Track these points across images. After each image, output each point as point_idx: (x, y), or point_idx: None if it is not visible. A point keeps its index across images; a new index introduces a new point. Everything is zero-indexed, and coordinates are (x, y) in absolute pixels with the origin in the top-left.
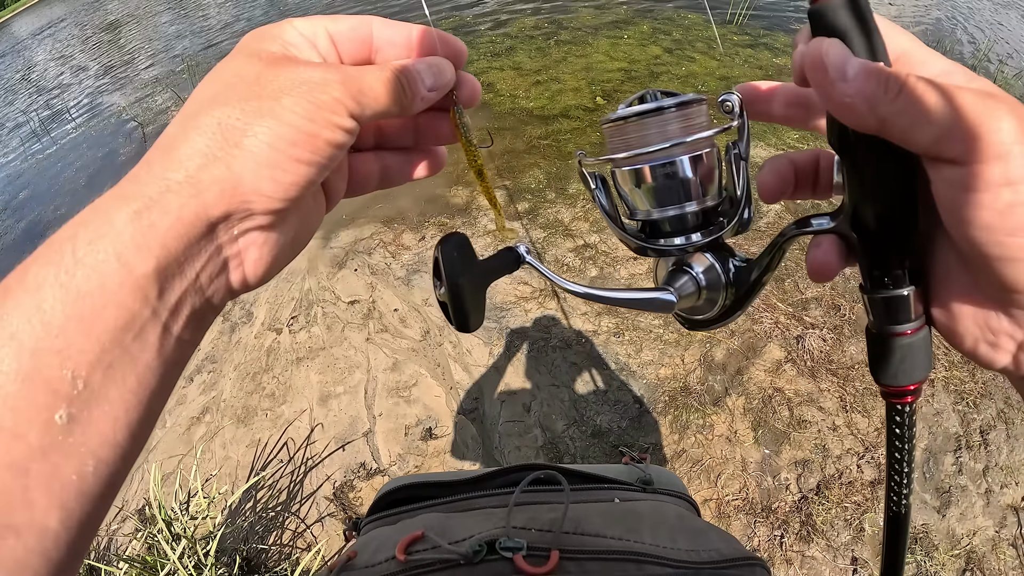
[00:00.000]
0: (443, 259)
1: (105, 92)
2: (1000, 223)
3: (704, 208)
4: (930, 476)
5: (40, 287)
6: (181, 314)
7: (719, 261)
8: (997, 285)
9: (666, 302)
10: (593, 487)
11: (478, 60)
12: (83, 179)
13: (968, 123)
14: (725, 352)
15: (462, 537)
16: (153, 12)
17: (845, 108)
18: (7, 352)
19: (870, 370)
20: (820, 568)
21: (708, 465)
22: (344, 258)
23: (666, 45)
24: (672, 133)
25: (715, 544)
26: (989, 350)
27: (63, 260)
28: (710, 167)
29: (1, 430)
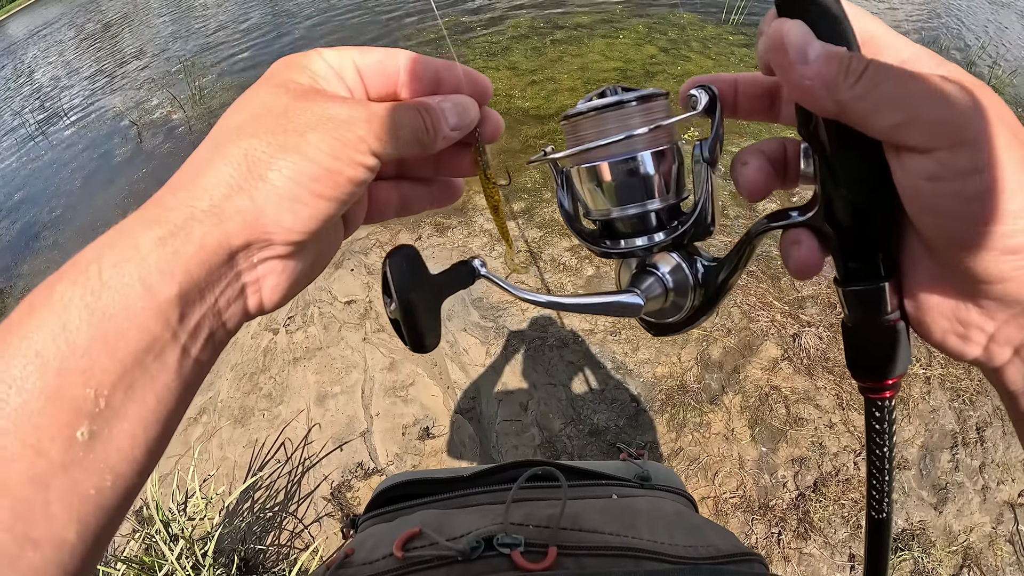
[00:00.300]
0: (392, 273)
1: (100, 93)
2: (968, 212)
3: (668, 206)
4: (927, 473)
5: (66, 307)
6: (199, 337)
7: (686, 261)
8: (966, 276)
9: (633, 305)
10: (591, 483)
11: (474, 60)
12: (78, 180)
13: (933, 109)
14: (722, 350)
15: (460, 534)
16: (149, 13)
17: (804, 91)
18: (32, 370)
19: (847, 365)
20: (818, 565)
21: (705, 463)
22: (340, 258)
23: (661, 45)
24: (632, 128)
25: (712, 540)
26: (959, 342)
27: (89, 281)
28: (672, 164)
29: (24, 446)
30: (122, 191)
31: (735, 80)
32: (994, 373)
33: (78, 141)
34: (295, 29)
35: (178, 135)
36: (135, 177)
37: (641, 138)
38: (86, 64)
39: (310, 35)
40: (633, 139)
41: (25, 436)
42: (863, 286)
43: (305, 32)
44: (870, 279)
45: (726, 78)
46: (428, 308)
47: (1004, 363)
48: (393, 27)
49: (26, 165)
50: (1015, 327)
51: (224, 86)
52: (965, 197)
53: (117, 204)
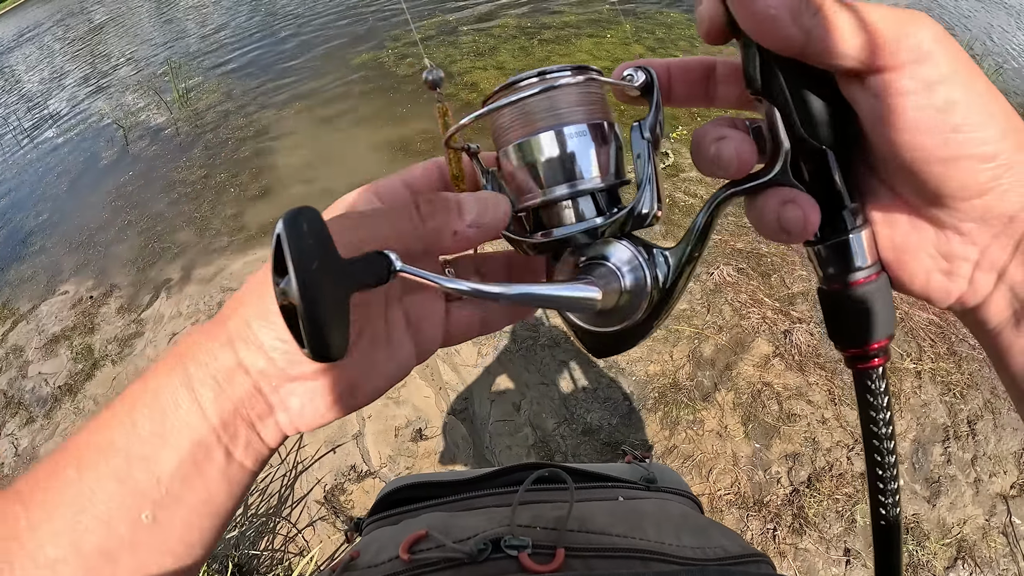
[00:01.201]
0: (290, 240)
1: (86, 95)
2: (942, 121)
3: (608, 186)
4: (919, 467)
5: (135, 407)
6: (239, 443)
7: (637, 246)
8: (944, 196)
9: (587, 299)
10: (597, 485)
11: (461, 60)
12: (65, 184)
13: (891, 31)
14: (713, 348)
15: (466, 536)
16: (134, 15)
17: (769, 22)
18: (108, 455)
19: (829, 336)
20: (813, 560)
21: (699, 460)
22: None
23: (649, 44)
24: (566, 101)
25: (720, 541)
26: (944, 280)
27: (150, 389)
28: (610, 142)
29: (99, 521)
30: (109, 194)
31: (667, 65)
32: (976, 312)
33: (64, 144)
34: (281, 31)
35: (164, 137)
36: (122, 180)
37: (572, 109)
38: (71, 66)
39: (296, 36)
40: (561, 109)
41: (99, 512)
42: (838, 239)
43: (292, 33)
44: (845, 231)
45: (658, 63)
46: (335, 299)
47: (988, 294)
48: (381, 27)
49: (11, 169)
50: (998, 248)
51: (210, 88)
52: (937, 107)
53: (104, 207)
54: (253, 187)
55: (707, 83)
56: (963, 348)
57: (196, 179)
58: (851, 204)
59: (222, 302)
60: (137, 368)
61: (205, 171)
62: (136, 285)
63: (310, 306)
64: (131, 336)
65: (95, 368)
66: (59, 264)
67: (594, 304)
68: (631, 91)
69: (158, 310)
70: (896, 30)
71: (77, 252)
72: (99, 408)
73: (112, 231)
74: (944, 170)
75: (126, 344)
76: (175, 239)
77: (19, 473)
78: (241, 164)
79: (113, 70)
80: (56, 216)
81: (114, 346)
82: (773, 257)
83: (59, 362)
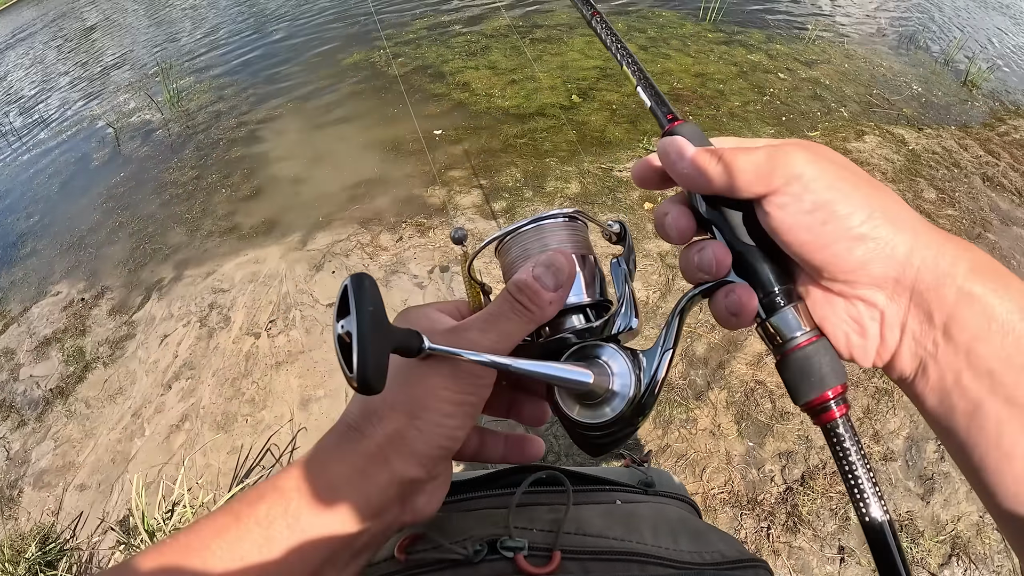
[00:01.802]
0: (355, 290)
1: (78, 97)
2: (812, 220)
3: (595, 302)
4: (913, 464)
5: (272, 523)
6: (364, 554)
7: (621, 349)
8: (838, 275)
9: (580, 382)
10: (594, 488)
11: (453, 60)
12: (56, 186)
13: (767, 165)
14: (706, 346)
15: (462, 537)
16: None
17: (687, 178)
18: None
19: (792, 400)
20: (807, 558)
21: (693, 459)
22: (321, 260)
23: (641, 43)
24: (557, 239)
25: (717, 546)
26: (860, 340)
27: (289, 505)
28: (594, 268)
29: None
30: (100, 195)
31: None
32: (892, 368)
33: (55, 146)
34: (273, 32)
35: (156, 138)
36: (113, 181)
37: (561, 245)
38: (62, 67)
39: (287, 38)
40: (552, 246)
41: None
42: (775, 314)
43: (283, 34)
44: (778, 307)
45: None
46: (379, 346)
47: (896, 347)
48: (371, 28)
49: (2, 171)
50: (895, 307)
51: (202, 88)
52: (806, 210)
53: (95, 209)
54: (245, 187)
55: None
56: None
57: (187, 180)
58: (781, 287)
59: (213, 303)
60: (129, 370)
61: (196, 172)
62: (128, 287)
63: (362, 338)
64: (123, 338)
65: (87, 370)
66: (50, 266)
67: (586, 385)
68: (610, 235)
69: (150, 311)
70: (771, 163)
71: (68, 254)
72: (91, 414)
73: (103, 232)
74: (824, 255)
75: (118, 346)
76: (166, 240)
77: (11, 477)
78: (233, 165)
79: (104, 71)
80: (47, 218)
81: (106, 348)
82: None
83: (50, 364)
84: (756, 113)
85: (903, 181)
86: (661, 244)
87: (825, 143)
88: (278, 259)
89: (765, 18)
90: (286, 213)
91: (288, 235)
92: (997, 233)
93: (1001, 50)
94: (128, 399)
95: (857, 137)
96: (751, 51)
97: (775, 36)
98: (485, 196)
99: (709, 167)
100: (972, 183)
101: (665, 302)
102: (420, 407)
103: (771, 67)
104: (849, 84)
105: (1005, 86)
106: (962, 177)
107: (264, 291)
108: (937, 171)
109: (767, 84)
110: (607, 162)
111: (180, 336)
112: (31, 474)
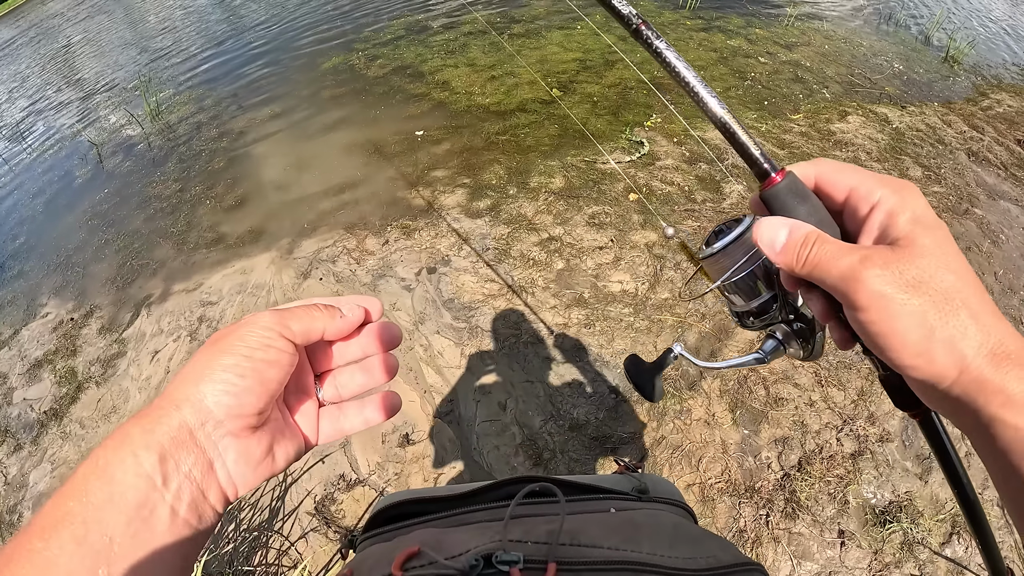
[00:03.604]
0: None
1: (57, 114)
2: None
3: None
4: (909, 444)
5: (87, 479)
6: (183, 499)
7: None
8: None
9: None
10: (588, 498)
11: (432, 59)
12: (40, 206)
13: (845, 276)
14: (697, 336)
15: (458, 552)
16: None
17: (781, 266)
18: (66, 523)
19: (898, 406)
20: (808, 543)
21: (688, 450)
22: (308, 268)
23: (620, 33)
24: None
25: (713, 551)
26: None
27: (97, 462)
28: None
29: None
30: (85, 213)
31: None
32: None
33: (37, 165)
34: (250, 39)
35: (138, 152)
36: (97, 198)
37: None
38: (41, 85)
39: (265, 44)
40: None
41: (61, 574)
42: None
43: (261, 41)
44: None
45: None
46: (648, 378)
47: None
48: (349, 32)
49: None
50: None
51: (181, 100)
52: (881, 331)
53: (81, 227)
54: (229, 197)
55: None
56: None
57: (171, 193)
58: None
59: (202, 317)
60: (122, 388)
61: (180, 184)
62: (116, 304)
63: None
64: (114, 356)
65: (79, 391)
66: (38, 287)
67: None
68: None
69: (139, 328)
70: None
71: (56, 274)
72: (86, 434)
73: (90, 251)
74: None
75: (109, 365)
76: (153, 255)
77: (10, 502)
78: (216, 175)
79: (84, 87)
80: (33, 239)
81: (97, 367)
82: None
83: (43, 387)
84: (738, 98)
85: (888, 160)
86: (648, 235)
87: (809, 125)
88: (265, 268)
89: (743, 3)
90: (271, 221)
91: (274, 244)
92: (984, 208)
93: (981, 25)
94: (122, 417)
95: (840, 118)
96: (730, 36)
97: (754, 20)
98: (470, 194)
99: (799, 269)
100: (957, 159)
101: (654, 293)
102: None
103: (751, 51)
104: (830, 65)
105: (986, 60)
106: (947, 153)
107: (252, 301)
108: (922, 148)
109: (748, 69)
110: (590, 155)
111: (171, 351)
112: (30, 498)
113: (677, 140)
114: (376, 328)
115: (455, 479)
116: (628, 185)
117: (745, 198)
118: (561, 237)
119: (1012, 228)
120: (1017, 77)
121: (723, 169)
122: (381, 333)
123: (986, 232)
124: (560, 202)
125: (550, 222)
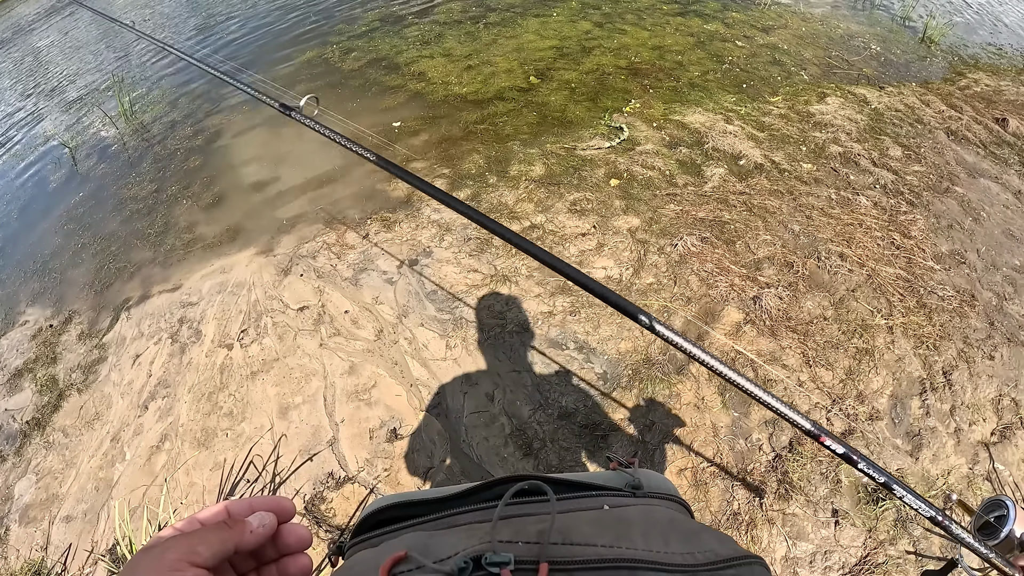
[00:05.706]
0: None
1: (28, 117)
2: None
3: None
4: (899, 421)
5: None
6: None
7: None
8: None
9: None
10: (580, 495)
11: (407, 50)
12: (15, 212)
13: None
14: (683, 320)
15: (447, 555)
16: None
17: None
18: None
19: None
20: (802, 524)
21: (679, 435)
22: (288, 264)
23: (596, 19)
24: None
25: (710, 545)
26: None
27: None
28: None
29: None
30: (61, 218)
31: None
32: None
33: (9, 170)
34: (222, 34)
35: (112, 153)
36: (73, 202)
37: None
38: (9, 88)
39: (238, 39)
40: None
41: None
42: None
43: (234, 36)
44: None
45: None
46: None
47: None
48: (323, 25)
49: None
50: None
51: (154, 99)
52: None
53: (57, 232)
54: (206, 196)
55: None
56: (932, 300)
57: (147, 194)
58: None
59: (183, 318)
60: (104, 394)
61: (155, 185)
62: (95, 309)
63: None
64: (94, 362)
65: (61, 399)
66: (16, 295)
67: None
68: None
69: (120, 332)
70: None
71: (33, 280)
72: (70, 443)
73: (66, 255)
74: None
75: (90, 371)
76: (130, 258)
77: None
78: (192, 174)
79: (53, 87)
80: (8, 246)
81: (78, 374)
82: (736, 224)
83: (24, 396)
84: (716, 82)
85: (868, 140)
86: (631, 220)
87: (788, 107)
88: (245, 267)
89: None
90: (249, 219)
91: (253, 241)
92: (965, 186)
93: (957, 5)
94: (106, 424)
95: (819, 99)
96: (707, 20)
97: (731, 4)
98: (450, 184)
99: None
100: (936, 138)
101: (638, 278)
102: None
103: (728, 35)
104: (807, 47)
105: (963, 41)
106: (926, 133)
107: (233, 300)
108: (901, 128)
109: (725, 52)
110: (570, 141)
111: (152, 355)
112: (16, 510)
113: (656, 125)
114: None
115: (445, 472)
116: (609, 171)
117: (727, 181)
118: (543, 225)
119: (992, 205)
120: (994, 56)
121: (704, 152)
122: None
123: (967, 210)
124: (541, 190)
125: (531, 210)
